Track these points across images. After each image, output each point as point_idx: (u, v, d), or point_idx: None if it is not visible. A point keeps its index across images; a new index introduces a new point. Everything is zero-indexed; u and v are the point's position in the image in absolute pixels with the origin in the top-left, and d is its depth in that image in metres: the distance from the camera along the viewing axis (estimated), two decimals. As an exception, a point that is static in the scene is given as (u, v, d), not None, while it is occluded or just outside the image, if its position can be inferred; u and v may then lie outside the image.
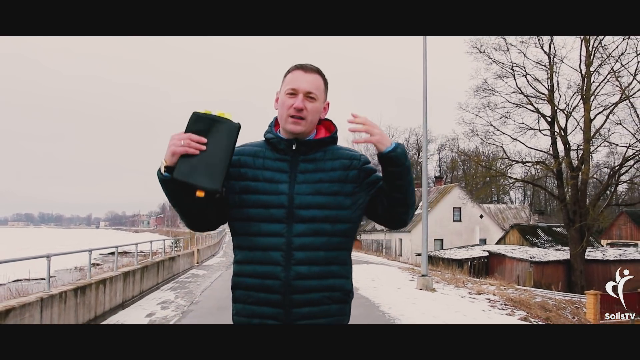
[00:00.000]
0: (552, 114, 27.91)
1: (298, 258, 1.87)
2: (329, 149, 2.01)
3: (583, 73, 27.25)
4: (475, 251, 32.44)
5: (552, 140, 28.40)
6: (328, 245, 1.90)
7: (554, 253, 29.98)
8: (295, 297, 1.86)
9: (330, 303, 1.91)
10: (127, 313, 10.93)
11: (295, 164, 1.95)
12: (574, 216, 27.32)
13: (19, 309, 7.01)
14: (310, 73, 1.97)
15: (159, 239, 24.99)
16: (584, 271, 27.54)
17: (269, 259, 1.87)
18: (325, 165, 1.96)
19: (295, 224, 1.88)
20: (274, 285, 1.86)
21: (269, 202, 1.90)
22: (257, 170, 1.95)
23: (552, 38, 27.79)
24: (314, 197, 1.90)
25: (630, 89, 26.63)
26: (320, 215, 1.89)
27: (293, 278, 1.86)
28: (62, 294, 8.42)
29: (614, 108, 27.09)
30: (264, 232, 1.89)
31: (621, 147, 28.00)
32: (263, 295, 1.88)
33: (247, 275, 1.91)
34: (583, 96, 27.26)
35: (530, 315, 10.82)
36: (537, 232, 35.37)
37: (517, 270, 28.73)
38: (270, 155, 1.97)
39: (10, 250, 40.14)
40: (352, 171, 1.97)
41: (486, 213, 43.18)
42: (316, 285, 1.88)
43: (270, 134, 2.01)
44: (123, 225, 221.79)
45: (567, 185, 27.92)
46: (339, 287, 1.93)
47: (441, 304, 11.07)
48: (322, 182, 1.93)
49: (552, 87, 27.91)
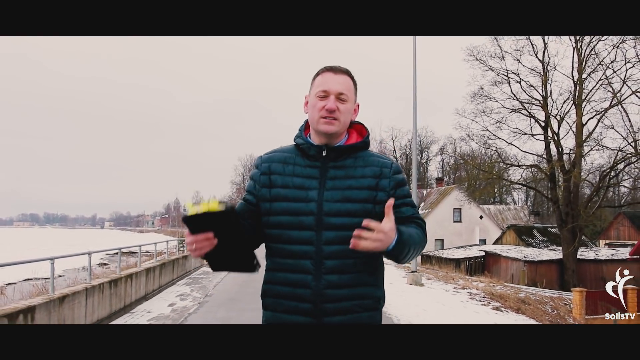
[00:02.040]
0: (546, 119, 29.44)
1: (328, 266, 1.87)
2: (360, 155, 2.01)
3: (575, 80, 28.83)
4: (473, 251, 34.02)
5: (545, 144, 29.97)
6: (357, 253, 1.83)
7: (547, 253, 31.53)
8: (327, 306, 1.86)
9: (361, 311, 1.91)
10: (151, 303, 12.66)
11: (325, 170, 1.95)
12: (567, 217, 28.86)
13: (71, 295, 8.72)
14: (340, 74, 1.99)
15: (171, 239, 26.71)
16: (576, 270, 29.06)
17: (299, 267, 1.88)
18: (356, 172, 1.95)
19: (325, 232, 1.88)
20: (305, 294, 1.87)
21: (298, 210, 1.90)
22: (286, 177, 1.96)
23: (545, 46, 29.40)
24: (343, 204, 1.90)
25: (621, 94, 28.21)
26: (349, 223, 1.85)
27: (324, 287, 1.86)
28: (100, 285, 10.16)
29: (604, 113, 28.64)
30: (294, 240, 1.89)
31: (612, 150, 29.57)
32: (294, 304, 1.88)
33: (277, 283, 1.93)
34: (575, 102, 28.81)
35: (503, 306, 12.46)
36: (533, 232, 36.97)
37: (511, 269, 30.29)
38: (300, 162, 1.98)
39: (18, 250, 41.15)
40: (383, 180, 1.97)
41: (486, 214, 44.64)
42: (347, 293, 1.88)
43: (300, 139, 2.02)
44: (128, 225, 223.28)
45: (560, 188, 29.46)
46: (369, 294, 1.93)
47: (426, 296, 12.71)
48: (351, 189, 1.92)
49: (545, 93, 29.50)
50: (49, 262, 8.59)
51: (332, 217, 1.88)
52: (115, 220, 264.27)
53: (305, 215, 1.89)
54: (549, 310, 17.10)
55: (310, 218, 1.88)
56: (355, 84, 2.03)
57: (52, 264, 8.60)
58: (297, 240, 1.89)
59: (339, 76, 1.97)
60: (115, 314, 10.91)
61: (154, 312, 11.34)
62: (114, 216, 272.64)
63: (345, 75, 1.99)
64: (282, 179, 1.96)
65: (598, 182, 30.20)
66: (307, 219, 1.88)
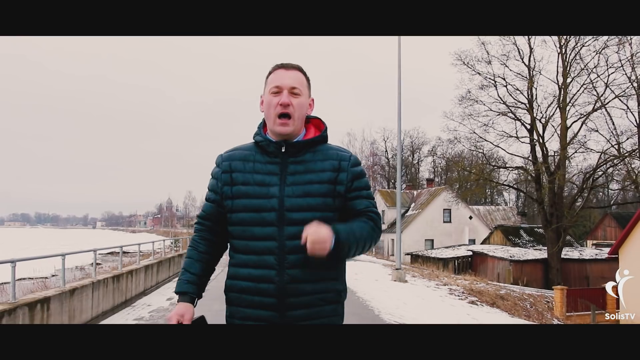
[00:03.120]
0: (532, 122, 30.53)
1: (291, 261, 1.90)
2: (319, 149, 2.04)
3: (560, 84, 29.95)
4: (461, 251, 35.09)
5: (531, 147, 31.07)
6: None
7: (533, 252, 32.62)
8: (290, 300, 1.90)
9: (323, 304, 1.95)
10: (151, 298, 13.59)
11: (285, 166, 1.98)
12: (551, 218, 29.99)
13: (80, 288, 9.64)
14: (292, 70, 2.02)
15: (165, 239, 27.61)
16: (561, 269, 30.16)
17: (263, 262, 1.92)
18: (315, 167, 1.99)
19: (287, 227, 1.91)
20: (269, 289, 1.90)
21: (260, 206, 1.93)
22: (247, 174, 1.99)
23: (531, 50, 30.49)
24: (304, 199, 1.93)
25: (605, 98, 29.36)
26: (310, 217, 1.89)
27: (287, 281, 1.90)
28: (105, 280, 11.08)
29: (588, 116, 29.78)
30: (257, 236, 1.93)
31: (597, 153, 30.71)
32: (258, 299, 1.92)
33: (241, 279, 1.96)
34: (560, 105, 29.93)
35: (479, 301, 13.46)
36: (520, 232, 38.13)
37: (497, 269, 31.34)
38: (260, 159, 2.01)
39: (11, 250, 41.62)
40: (342, 173, 2.00)
41: (475, 214, 45.72)
42: (309, 288, 1.93)
43: (259, 136, 2.05)
44: (120, 225, 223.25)
45: (545, 189, 30.54)
46: (331, 287, 1.97)
47: (408, 292, 13.68)
48: (311, 184, 1.95)
49: (531, 97, 30.60)
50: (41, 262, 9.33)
51: (294, 213, 1.92)
52: (107, 220, 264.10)
53: (267, 212, 1.93)
54: (528, 307, 18.13)
55: (272, 214, 1.92)
56: (308, 79, 2.08)
57: (63, 260, 9.55)
58: (259, 237, 1.93)
59: (290, 72, 2.01)
60: (118, 306, 11.83)
61: (153, 305, 12.26)
62: (106, 216, 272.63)
63: (297, 71, 2.03)
64: (243, 176, 1.99)
65: (581, 184, 31.33)
66: (269, 215, 1.92)
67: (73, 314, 9.26)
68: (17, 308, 7.29)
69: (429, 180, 53.28)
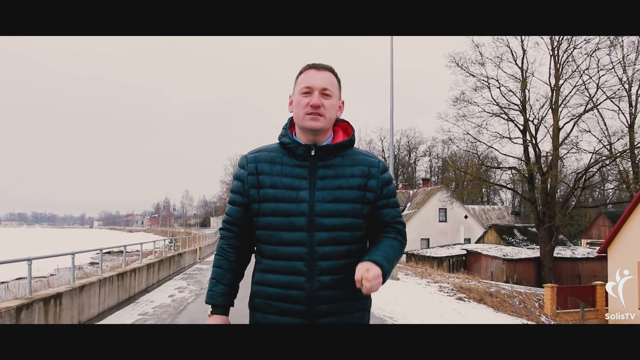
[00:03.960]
0: (525, 123, 31.26)
1: (321, 267, 1.88)
2: (348, 153, 2.01)
3: (552, 86, 30.68)
4: (455, 250, 35.84)
5: (524, 147, 31.81)
6: (349, 253, 1.91)
7: (526, 251, 33.37)
8: (320, 307, 1.89)
9: (352, 312, 1.95)
10: (153, 295, 14.26)
11: (314, 170, 1.95)
12: (544, 217, 30.74)
13: (88, 285, 10.31)
14: (323, 71, 1.99)
15: (162, 238, 28.29)
16: (553, 268, 30.91)
17: (292, 268, 1.89)
18: (345, 172, 1.96)
19: (317, 232, 1.89)
20: (298, 296, 1.88)
21: (289, 210, 1.91)
22: (275, 177, 1.95)
23: (524, 53, 31.22)
24: (334, 205, 1.91)
25: (596, 99, 30.12)
26: (340, 224, 1.90)
27: (317, 288, 1.88)
28: (110, 277, 11.75)
29: (580, 117, 30.54)
30: (286, 241, 1.90)
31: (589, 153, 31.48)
32: (287, 306, 1.89)
33: (269, 285, 1.93)
34: (552, 107, 30.68)
35: (467, 297, 14.15)
36: (514, 231, 38.91)
37: (491, 267, 32.07)
38: (288, 161, 1.97)
39: (8, 250, 41.76)
40: (371, 180, 1.98)
41: (471, 214, 46.43)
42: (340, 294, 1.91)
43: (286, 137, 2.01)
44: (117, 225, 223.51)
45: (537, 189, 31.28)
46: (360, 295, 1.90)
47: (399, 289, 14.37)
48: (341, 189, 1.93)
49: (524, 98, 31.33)
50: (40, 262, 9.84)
51: (324, 218, 1.89)
52: (104, 219, 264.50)
53: (296, 216, 1.89)
54: (517, 303, 18.84)
55: (302, 219, 1.89)
56: (339, 80, 2.04)
57: (72, 258, 10.24)
58: (288, 242, 1.89)
59: (322, 72, 1.98)
60: (122, 303, 12.50)
61: (156, 301, 12.95)
62: (102, 215, 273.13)
63: (328, 72, 2.00)
64: (271, 179, 1.95)
65: (573, 184, 32.08)
66: (299, 220, 1.89)
67: (82, 309, 9.93)
68: (34, 302, 7.95)
69: (424, 180, 53.97)
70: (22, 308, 7.56)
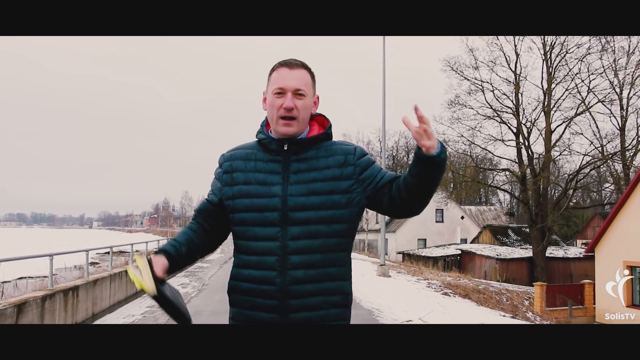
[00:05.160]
0: (518, 126, 32.29)
1: (294, 262, 1.88)
2: (322, 145, 2.01)
3: (544, 89, 31.74)
4: (450, 250, 36.91)
5: (517, 149, 32.86)
6: (324, 247, 1.90)
7: (519, 251, 34.42)
8: (292, 302, 1.88)
9: (328, 308, 1.92)
10: (158, 290, 15.29)
11: (287, 164, 1.95)
12: (536, 218, 31.78)
13: (100, 280, 11.35)
14: (296, 69, 1.96)
15: (165, 238, 29.31)
16: (545, 267, 31.93)
17: (264, 263, 1.90)
18: (319, 164, 1.96)
19: (290, 227, 1.89)
20: (270, 291, 1.89)
21: (262, 206, 1.91)
22: (249, 173, 1.98)
23: (517, 57, 32.25)
24: (308, 198, 1.90)
25: (588, 102, 31.16)
26: (314, 217, 1.89)
27: (289, 283, 1.88)
28: (119, 273, 12.79)
29: (572, 120, 31.57)
30: (258, 236, 1.91)
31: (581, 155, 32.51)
32: (260, 301, 1.91)
33: (243, 280, 1.95)
34: (544, 110, 31.72)
35: (453, 293, 15.17)
36: (508, 232, 40.00)
37: (485, 267, 33.11)
38: (262, 157, 1.99)
39: (8, 250, 42.42)
40: (348, 167, 1.96)
41: (467, 214, 47.46)
42: (313, 289, 1.89)
43: (261, 134, 2.03)
44: (116, 225, 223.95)
45: (530, 190, 32.32)
46: (337, 290, 1.93)
47: (389, 285, 15.40)
48: (315, 182, 1.92)
49: (517, 102, 32.36)
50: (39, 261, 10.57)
51: (298, 212, 1.89)
52: (103, 220, 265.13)
53: (269, 211, 1.90)
54: (504, 300, 19.86)
55: (275, 214, 1.89)
56: (313, 76, 2.03)
57: (87, 254, 11.31)
58: (261, 237, 1.91)
59: (294, 71, 1.95)
60: (130, 297, 13.56)
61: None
62: (102, 216, 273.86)
63: (302, 69, 1.97)
64: (244, 175, 1.98)
65: (565, 185, 33.14)
66: (272, 215, 1.90)
67: (95, 301, 10.97)
68: (55, 294, 8.98)
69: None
70: (46, 298, 8.59)
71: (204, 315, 10.68)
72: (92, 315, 10.74)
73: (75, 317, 9.78)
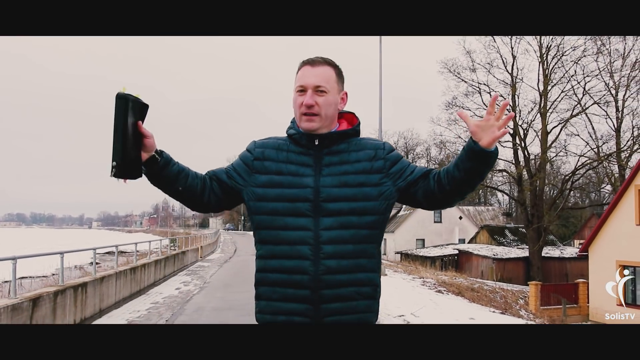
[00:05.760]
0: (514, 127, 32.85)
1: (327, 252, 1.89)
2: (353, 140, 2.04)
3: (540, 91, 32.29)
4: (448, 250, 37.51)
5: (514, 150, 33.41)
6: (356, 238, 1.92)
7: (516, 251, 34.98)
8: (325, 292, 1.89)
9: (359, 299, 1.92)
10: (161, 288, 15.88)
11: (319, 158, 1.98)
12: (532, 218, 32.34)
13: (107, 277, 11.91)
14: (319, 66, 2.00)
15: (165, 238, 29.90)
16: (542, 267, 32.45)
17: (296, 253, 1.90)
18: (350, 157, 1.99)
19: (322, 218, 1.91)
20: (303, 280, 1.88)
21: (293, 196, 1.93)
22: (280, 163, 1.99)
23: (514, 59, 32.81)
24: (340, 190, 1.93)
25: (584, 103, 31.71)
26: (346, 208, 1.91)
27: (323, 273, 1.88)
28: (124, 271, 13.37)
29: (567, 122, 32.12)
30: (290, 226, 1.92)
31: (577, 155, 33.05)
32: (291, 291, 1.90)
33: (272, 271, 1.94)
34: (540, 111, 32.28)
35: (446, 290, 15.73)
36: (505, 232, 40.57)
37: (481, 266, 33.66)
38: (294, 149, 2.01)
39: (8, 250, 42.90)
40: (378, 161, 2.00)
41: (465, 215, 48.01)
42: (345, 279, 1.90)
43: (292, 129, 2.05)
44: (116, 225, 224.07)
45: (526, 191, 32.88)
46: (367, 281, 1.94)
47: (385, 283, 15.82)
48: (347, 174, 1.95)
49: (514, 103, 32.91)
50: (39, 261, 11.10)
51: (330, 203, 1.91)
52: (102, 220, 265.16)
53: (301, 202, 1.92)
54: (498, 299, 20.42)
55: (307, 204, 1.91)
56: (339, 72, 2.05)
57: (94, 252, 11.89)
58: (293, 227, 1.91)
59: (316, 68, 1.99)
60: (134, 294, 14.12)
61: (165, 293, 14.56)
62: (101, 216, 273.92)
63: (325, 66, 2.01)
64: (276, 165, 1.99)
65: (561, 185, 33.71)
66: (304, 205, 1.91)
67: (102, 297, 11.53)
68: (66, 289, 9.54)
69: (420, 181, 55.45)
70: (58, 293, 9.14)
71: (206, 311, 11.26)
72: (100, 310, 11.30)
73: (84, 312, 10.34)
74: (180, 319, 10.37)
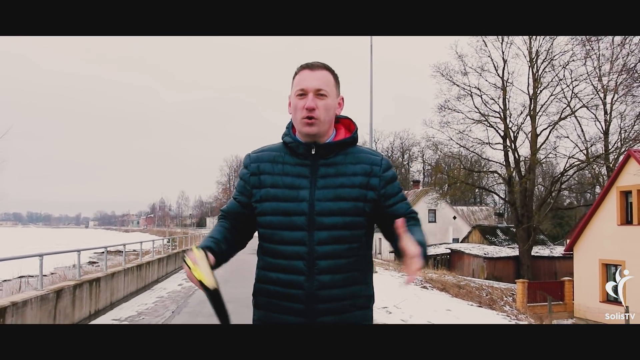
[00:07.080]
0: (505, 130, 34.06)
1: (321, 267, 1.91)
2: (350, 151, 2.04)
3: (530, 95, 33.53)
4: (440, 249, 38.79)
5: (504, 152, 34.63)
6: (349, 252, 1.94)
7: (506, 250, 36.26)
8: (319, 307, 1.92)
9: (353, 310, 1.96)
10: (164, 284, 17.10)
11: (315, 169, 1.98)
12: (522, 218, 33.58)
13: (117, 273, 13.12)
14: (318, 70, 2.01)
15: (164, 237, 31.09)
16: (531, 266, 33.67)
17: (291, 267, 1.93)
18: (347, 170, 1.99)
19: (317, 232, 1.92)
20: (298, 295, 1.92)
21: (289, 210, 1.95)
22: (276, 176, 2.00)
23: (505, 63, 34.02)
24: (336, 203, 1.94)
25: (574, 106, 32.88)
26: (341, 222, 1.93)
27: (317, 288, 1.91)
28: (132, 268, 14.58)
29: (556, 124, 33.33)
30: (286, 240, 1.94)
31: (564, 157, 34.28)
32: (287, 304, 1.94)
33: (270, 283, 1.98)
34: (530, 114, 33.50)
35: (431, 286, 16.93)
36: (496, 232, 41.86)
37: (472, 265, 34.94)
38: (289, 160, 2.01)
39: (6, 249, 43.16)
40: (374, 178, 2.00)
41: (459, 214, 49.22)
42: (339, 293, 1.93)
43: (288, 137, 2.05)
44: (112, 225, 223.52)
45: (516, 191, 34.10)
46: (361, 293, 1.99)
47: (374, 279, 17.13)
48: (343, 187, 1.96)
49: (505, 106, 34.15)
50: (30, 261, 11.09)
51: (325, 217, 1.92)
52: (99, 219, 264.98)
53: (297, 215, 1.93)
54: (484, 295, 21.62)
55: (302, 218, 1.92)
56: (336, 77, 2.07)
57: (105, 250, 13.10)
58: (289, 241, 1.94)
59: (316, 72, 2.00)
60: (140, 289, 15.33)
61: (168, 288, 15.79)
62: (98, 215, 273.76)
63: (323, 70, 2.02)
64: (272, 178, 1.99)
65: (550, 187, 34.97)
66: (299, 219, 1.93)
67: (113, 291, 12.73)
68: (83, 284, 10.74)
69: (414, 182, 56.78)
70: (77, 287, 10.34)
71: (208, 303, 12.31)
72: (111, 303, 12.50)
73: (97, 305, 11.54)
74: (185, 310, 11.55)
